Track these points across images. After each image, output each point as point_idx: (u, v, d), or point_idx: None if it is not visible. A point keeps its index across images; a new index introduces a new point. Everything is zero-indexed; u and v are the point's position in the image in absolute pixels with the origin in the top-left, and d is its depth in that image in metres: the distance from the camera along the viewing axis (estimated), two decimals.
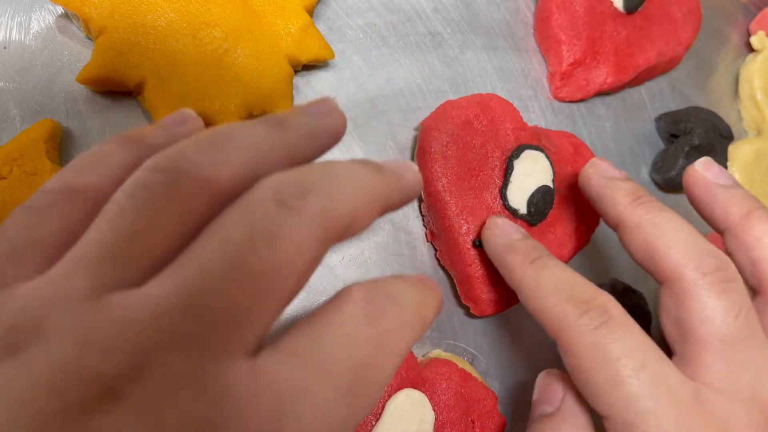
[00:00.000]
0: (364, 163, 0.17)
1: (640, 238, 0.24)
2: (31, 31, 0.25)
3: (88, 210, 0.15)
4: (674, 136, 0.40)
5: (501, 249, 0.27)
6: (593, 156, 0.34)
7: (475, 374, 0.29)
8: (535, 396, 0.27)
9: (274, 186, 0.15)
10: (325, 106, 0.19)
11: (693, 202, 0.27)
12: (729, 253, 0.25)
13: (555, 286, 0.24)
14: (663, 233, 0.24)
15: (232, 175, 0.15)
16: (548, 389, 0.26)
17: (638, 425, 0.21)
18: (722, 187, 0.26)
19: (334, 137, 0.19)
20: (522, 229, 0.28)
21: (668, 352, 0.23)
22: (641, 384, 0.21)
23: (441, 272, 0.31)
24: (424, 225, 0.31)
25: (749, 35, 0.46)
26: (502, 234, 0.28)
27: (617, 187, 0.27)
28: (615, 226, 0.26)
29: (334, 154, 0.30)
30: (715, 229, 0.26)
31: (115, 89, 0.25)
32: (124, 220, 0.14)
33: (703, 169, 0.27)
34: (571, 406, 0.24)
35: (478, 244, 0.29)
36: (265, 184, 0.15)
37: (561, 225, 0.32)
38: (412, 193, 0.19)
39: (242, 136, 0.16)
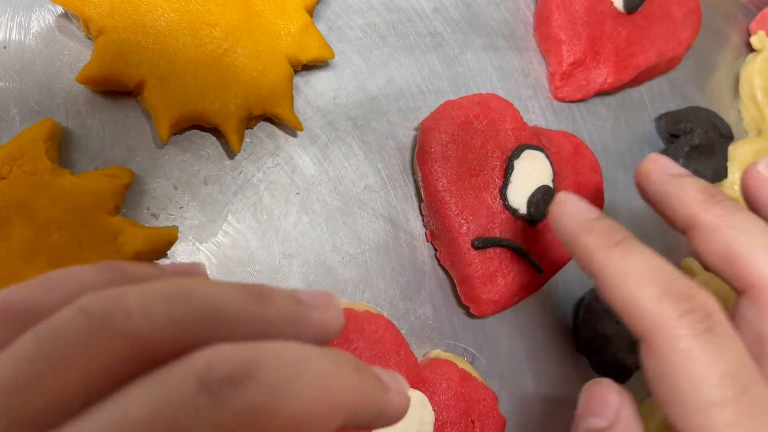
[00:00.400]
0: (340, 358, 0.14)
1: (718, 242, 0.22)
2: (31, 31, 0.25)
3: (18, 333, 0.13)
4: (674, 135, 0.40)
5: (574, 228, 0.23)
6: (593, 156, 0.34)
7: (475, 374, 0.29)
8: (580, 408, 0.24)
9: (207, 361, 0.12)
10: (322, 298, 0.16)
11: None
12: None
13: (649, 276, 0.21)
14: (745, 237, 0.21)
15: (171, 337, 0.12)
16: (599, 401, 0.23)
17: None
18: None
19: (323, 336, 0.15)
20: (598, 210, 0.25)
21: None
22: (741, 411, 0.18)
23: (441, 272, 0.31)
24: (424, 225, 0.31)
25: (749, 35, 0.46)
26: (577, 211, 0.24)
27: (686, 184, 0.24)
28: (685, 228, 0.23)
29: (334, 154, 0.30)
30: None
31: (115, 89, 0.25)
32: (24, 361, 0.12)
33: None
34: (629, 420, 0.22)
35: (478, 245, 0.29)
36: (199, 356, 0.12)
37: None
38: (391, 419, 0.15)
39: (209, 297, 0.13)
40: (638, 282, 0.21)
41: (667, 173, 0.25)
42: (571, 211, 0.24)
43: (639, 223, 0.39)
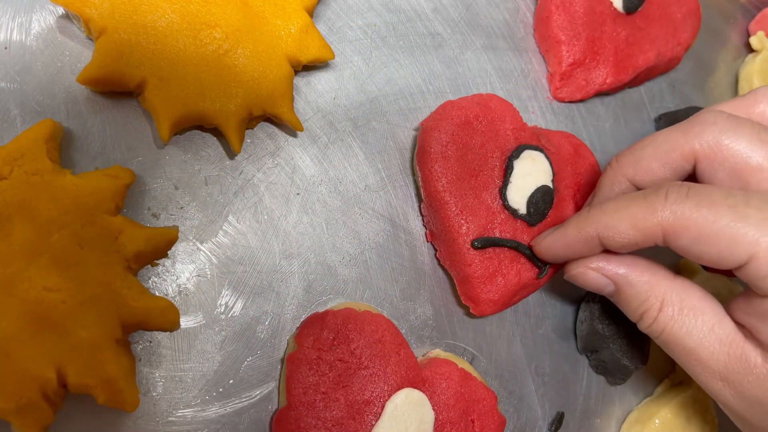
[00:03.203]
0: None
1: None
2: (32, 32, 0.25)
3: None
4: None
5: (559, 240, 0.28)
6: (593, 156, 0.34)
7: (475, 374, 0.29)
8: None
9: None
10: None
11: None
12: None
13: (627, 202, 0.26)
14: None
15: None
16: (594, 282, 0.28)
17: None
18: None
19: None
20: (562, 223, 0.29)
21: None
22: None
23: (441, 272, 0.31)
24: (424, 225, 0.31)
25: (749, 35, 0.46)
26: (547, 233, 0.29)
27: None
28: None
29: (334, 154, 0.30)
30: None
31: (116, 89, 0.26)
32: None
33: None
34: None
35: (478, 245, 0.29)
36: None
37: None
38: None
39: None
40: (625, 209, 0.26)
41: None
42: (542, 237, 0.29)
43: None
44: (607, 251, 0.27)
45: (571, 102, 0.37)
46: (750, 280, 0.23)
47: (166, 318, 0.24)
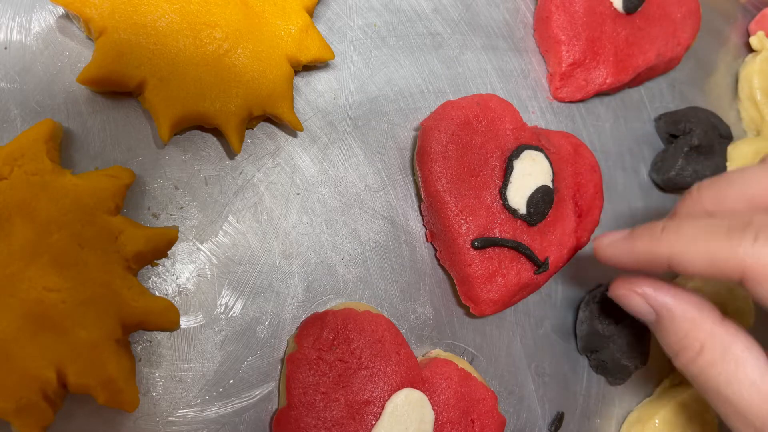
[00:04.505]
0: None
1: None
2: (32, 32, 0.25)
3: None
4: (674, 136, 0.40)
5: (625, 248, 0.27)
6: (593, 156, 0.34)
7: (475, 374, 0.29)
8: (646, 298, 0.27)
9: None
10: None
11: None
12: None
13: (707, 231, 0.24)
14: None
15: None
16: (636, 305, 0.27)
17: None
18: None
19: None
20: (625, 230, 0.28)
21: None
22: None
23: (441, 272, 0.31)
24: (424, 225, 0.31)
25: (748, 35, 0.46)
26: (613, 236, 0.28)
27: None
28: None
29: (334, 154, 0.30)
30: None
31: (116, 90, 0.26)
32: None
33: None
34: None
35: (478, 245, 0.29)
36: None
37: (560, 225, 0.32)
38: None
39: None
40: (704, 239, 0.24)
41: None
42: (610, 241, 0.28)
43: (639, 222, 0.39)
44: (656, 276, 0.27)
45: (571, 102, 0.37)
46: None
47: (166, 318, 0.24)
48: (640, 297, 0.27)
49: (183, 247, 0.26)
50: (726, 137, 0.40)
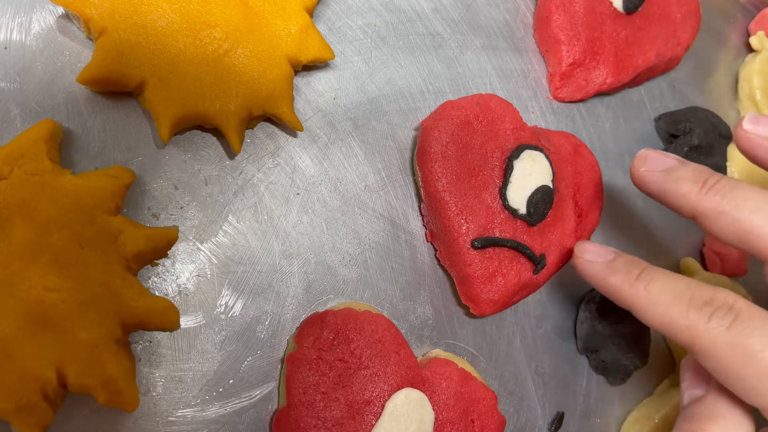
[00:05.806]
0: None
1: (728, 225, 0.24)
2: (32, 32, 0.25)
3: None
4: (674, 136, 0.40)
5: (600, 274, 0.27)
6: (593, 156, 0.34)
7: (474, 374, 0.29)
8: (684, 383, 0.27)
9: None
10: None
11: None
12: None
13: (671, 297, 0.24)
14: (752, 214, 0.23)
15: None
16: (697, 375, 0.26)
17: None
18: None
19: None
20: (612, 248, 0.29)
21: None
22: None
23: (441, 272, 0.31)
24: (424, 225, 0.31)
25: (748, 35, 0.46)
26: (596, 257, 0.28)
27: (680, 177, 0.26)
28: (692, 218, 0.26)
29: (334, 154, 0.30)
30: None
31: (116, 90, 0.26)
32: None
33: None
34: (719, 386, 0.25)
35: (478, 245, 0.29)
36: None
37: (561, 225, 0.32)
38: None
39: None
40: (665, 305, 0.24)
41: (660, 170, 0.27)
42: (591, 259, 0.28)
43: (639, 222, 0.39)
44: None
45: (571, 102, 0.37)
46: None
47: (166, 318, 0.24)
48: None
49: (183, 247, 0.26)
50: (726, 137, 0.40)
